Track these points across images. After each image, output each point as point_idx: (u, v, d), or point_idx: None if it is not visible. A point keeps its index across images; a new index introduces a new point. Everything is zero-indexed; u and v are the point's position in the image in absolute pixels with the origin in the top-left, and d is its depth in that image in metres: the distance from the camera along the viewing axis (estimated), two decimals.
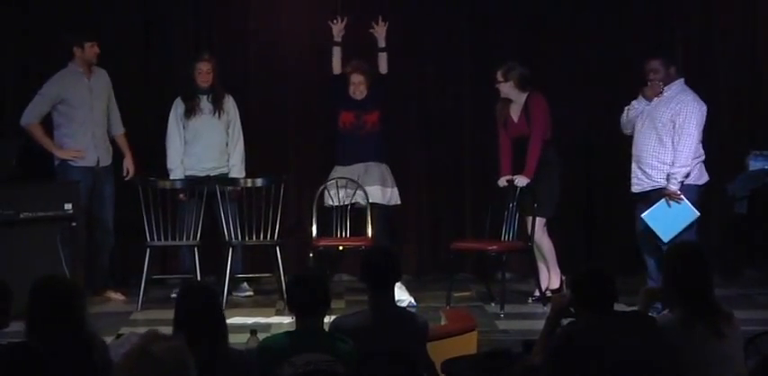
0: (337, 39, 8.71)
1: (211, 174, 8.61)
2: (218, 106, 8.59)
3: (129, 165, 8.67)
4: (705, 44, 9.42)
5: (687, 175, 7.65)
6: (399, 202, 8.68)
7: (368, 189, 8.47)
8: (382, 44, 8.69)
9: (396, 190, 8.63)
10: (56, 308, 4.35)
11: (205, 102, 8.59)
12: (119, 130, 8.68)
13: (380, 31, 8.70)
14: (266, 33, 9.45)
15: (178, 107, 8.61)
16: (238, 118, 8.69)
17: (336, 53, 8.69)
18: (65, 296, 4.40)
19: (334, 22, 8.75)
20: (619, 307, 4.73)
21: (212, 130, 8.61)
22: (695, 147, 7.63)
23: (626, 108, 7.98)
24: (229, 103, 8.65)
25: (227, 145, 8.67)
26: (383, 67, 8.64)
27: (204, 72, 8.56)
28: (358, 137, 8.55)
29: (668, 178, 7.67)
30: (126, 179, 8.64)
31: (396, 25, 9.21)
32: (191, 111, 8.56)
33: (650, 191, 7.77)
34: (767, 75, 9.43)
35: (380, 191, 8.54)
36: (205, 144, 8.61)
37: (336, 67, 8.68)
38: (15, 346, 4.28)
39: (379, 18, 8.73)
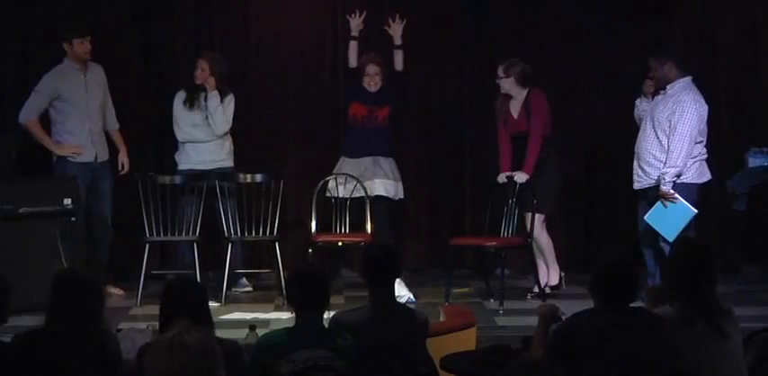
0: (354, 33, 8.66)
1: (211, 168, 8.58)
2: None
3: (123, 159, 8.65)
4: (705, 42, 9.42)
5: (679, 175, 7.59)
6: (403, 196, 8.66)
7: (376, 181, 8.46)
8: (398, 42, 8.65)
9: (401, 184, 8.62)
10: (76, 302, 4.41)
11: (203, 98, 8.56)
12: (113, 126, 8.66)
13: (396, 30, 8.66)
14: (266, 31, 9.43)
15: (180, 97, 8.60)
16: (229, 110, 8.59)
17: (353, 47, 8.65)
18: (86, 289, 4.47)
19: (352, 16, 8.71)
20: None
21: (209, 125, 8.58)
22: (687, 147, 7.55)
23: (635, 104, 8.00)
24: (226, 100, 8.58)
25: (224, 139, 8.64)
26: (399, 64, 8.60)
27: (199, 70, 8.53)
28: (369, 130, 8.54)
29: (659, 179, 7.66)
30: (121, 173, 8.62)
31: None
32: (190, 105, 8.54)
33: (648, 188, 7.74)
34: (766, 72, 9.42)
35: (388, 184, 8.52)
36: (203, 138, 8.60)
37: (352, 61, 8.65)
38: (34, 332, 4.38)
39: (396, 16, 8.69)
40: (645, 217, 7.68)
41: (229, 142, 8.67)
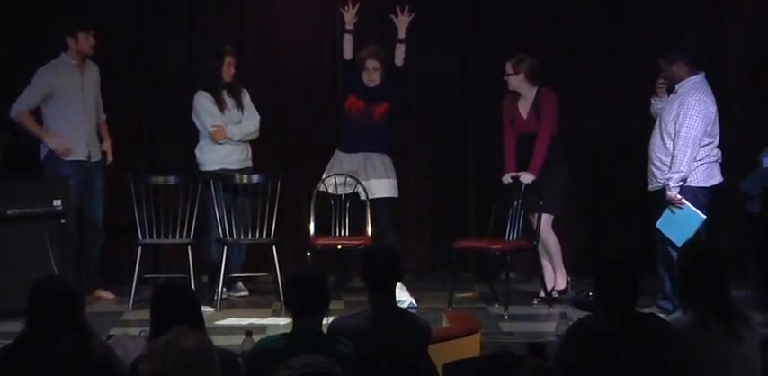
0: (349, 26, 8.56)
1: (241, 167, 8.47)
2: (237, 100, 8.48)
3: (107, 148, 8.51)
4: (717, 39, 9.38)
5: (684, 180, 7.49)
6: (397, 195, 8.55)
7: (372, 182, 8.37)
8: (402, 35, 8.47)
9: (395, 181, 8.51)
10: (56, 310, 4.38)
11: (227, 97, 8.46)
12: (100, 118, 8.53)
13: (403, 21, 8.50)
14: (264, 31, 9.41)
15: (208, 99, 8.42)
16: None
17: (348, 40, 8.53)
18: (64, 297, 4.43)
19: (346, 8, 8.61)
20: None
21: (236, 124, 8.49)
22: (692, 150, 7.46)
23: (651, 102, 7.94)
24: (247, 98, 8.54)
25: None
26: (399, 60, 8.45)
27: (234, 65, 8.44)
28: (364, 125, 8.43)
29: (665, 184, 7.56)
30: (106, 164, 8.48)
31: None
32: (220, 106, 8.41)
33: (660, 190, 7.65)
34: None
35: (384, 183, 8.42)
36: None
37: (348, 53, 8.54)
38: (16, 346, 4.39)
39: (405, 7, 8.55)
40: (657, 224, 7.60)
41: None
